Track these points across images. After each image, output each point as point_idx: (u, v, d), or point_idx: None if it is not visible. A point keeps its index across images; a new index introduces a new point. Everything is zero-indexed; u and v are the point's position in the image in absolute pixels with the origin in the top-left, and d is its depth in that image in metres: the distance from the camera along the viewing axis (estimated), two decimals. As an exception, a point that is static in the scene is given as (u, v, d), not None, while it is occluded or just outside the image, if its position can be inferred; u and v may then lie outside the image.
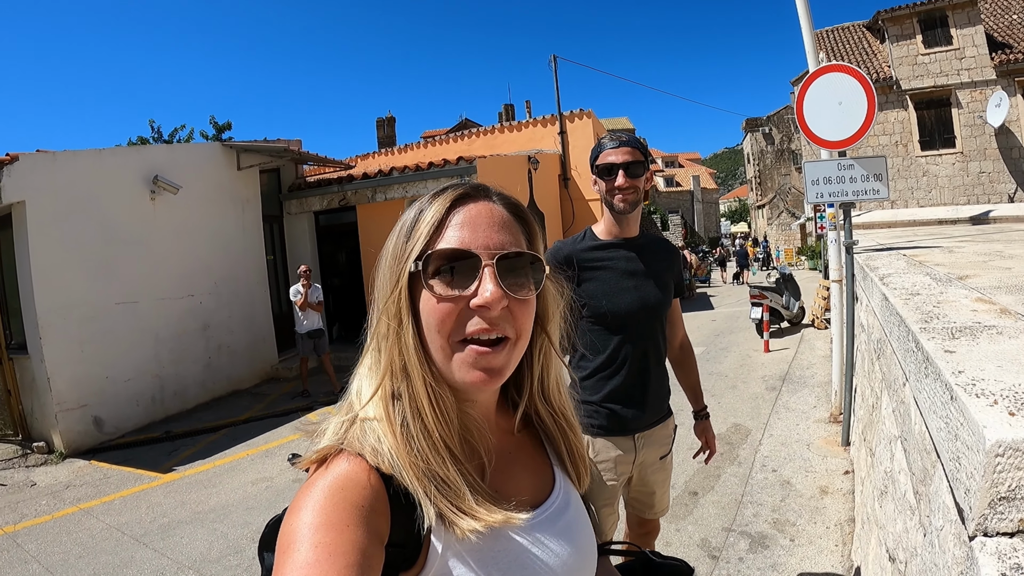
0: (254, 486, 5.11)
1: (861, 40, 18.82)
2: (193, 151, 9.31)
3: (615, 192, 1.98)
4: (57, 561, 4.01)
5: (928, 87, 16.60)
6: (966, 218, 7.24)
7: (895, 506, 1.69)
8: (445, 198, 0.74)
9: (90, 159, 7.08)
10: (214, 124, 21.25)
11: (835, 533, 3.35)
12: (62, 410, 6.41)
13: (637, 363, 2.04)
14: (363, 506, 0.63)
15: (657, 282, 2.07)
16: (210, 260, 8.67)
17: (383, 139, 24.75)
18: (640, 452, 2.09)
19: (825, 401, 5.88)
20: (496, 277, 0.69)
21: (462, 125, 32.51)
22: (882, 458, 2.17)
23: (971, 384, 0.99)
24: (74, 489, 5.45)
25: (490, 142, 14.61)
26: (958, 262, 2.95)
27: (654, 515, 2.29)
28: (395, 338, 0.72)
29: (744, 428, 5.40)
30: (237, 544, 4.02)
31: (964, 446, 0.90)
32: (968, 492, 0.86)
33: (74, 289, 6.63)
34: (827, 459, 4.44)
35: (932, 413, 1.14)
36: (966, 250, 3.63)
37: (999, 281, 2.17)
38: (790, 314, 10.49)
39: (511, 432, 0.86)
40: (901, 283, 2.26)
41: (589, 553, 0.84)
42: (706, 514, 3.79)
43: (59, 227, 6.54)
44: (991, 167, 16.06)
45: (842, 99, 4.30)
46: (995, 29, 17.00)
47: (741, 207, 63.48)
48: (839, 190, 4.37)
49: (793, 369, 7.49)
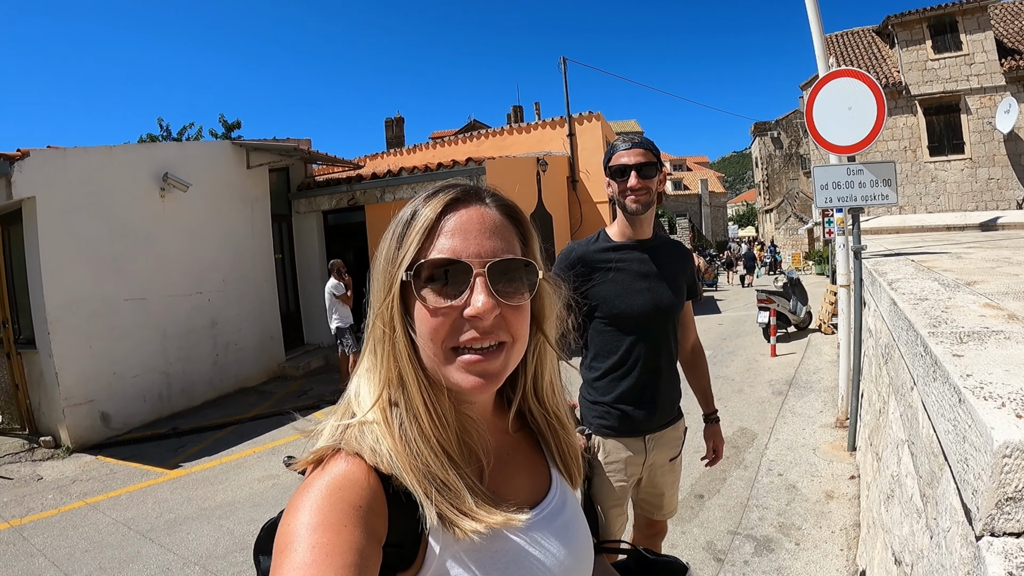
0: (260, 483, 5.14)
1: (871, 45, 18.78)
2: (203, 149, 9.36)
3: (628, 193, 1.99)
4: (63, 555, 4.03)
5: (937, 92, 16.56)
6: (975, 224, 7.22)
7: (902, 509, 1.69)
8: (436, 202, 0.73)
9: (100, 156, 7.13)
10: (223, 123, 21.37)
11: (840, 538, 3.35)
12: (69, 405, 6.45)
13: (649, 365, 2.04)
14: (361, 506, 0.63)
15: (670, 284, 2.08)
16: (219, 258, 8.71)
17: (392, 139, 24.82)
18: (650, 454, 2.10)
19: (831, 406, 5.86)
20: (488, 286, 0.68)
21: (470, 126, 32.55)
22: (889, 462, 2.17)
23: (979, 387, 1.00)
24: (80, 484, 5.48)
25: (499, 143, 14.63)
26: (966, 268, 2.94)
27: (663, 516, 2.31)
28: (389, 345, 0.72)
29: (750, 432, 5.39)
30: (243, 541, 4.04)
31: (972, 448, 0.90)
32: (976, 493, 0.86)
33: (83, 285, 6.67)
34: (833, 464, 4.43)
35: (940, 416, 1.14)
36: (974, 256, 3.62)
37: (1007, 287, 2.17)
38: (797, 319, 10.47)
39: (507, 431, 0.86)
40: (909, 288, 2.26)
41: (586, 553, 0.84)
42: (712, 517, 3.79)
43: (69, 223, 6.59)
44: (1000, 173, 16.00)
45: (852, 104, 4.29)
46: (1005, 35, 16.95)
47: (749, 211, 63.33)
48: (848, 195, 4.36)
49: (800, 374, 7.47)
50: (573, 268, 2.01)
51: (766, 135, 41.43)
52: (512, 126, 15.17)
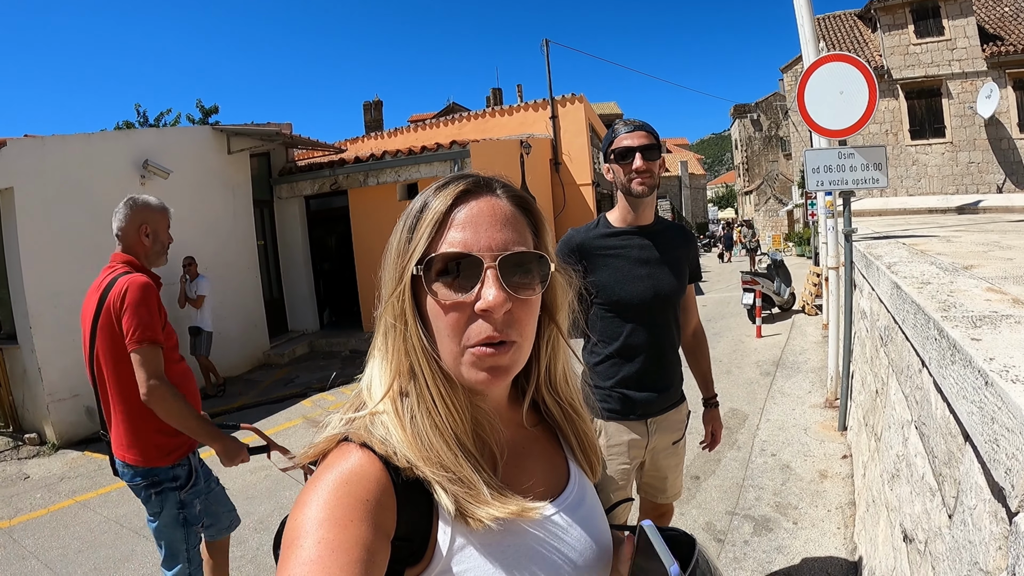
0: (253, 475, 5.08)
1: (853, 28, 18.89)
2: (183, 135, 9.17)
3: (633, 176, 1.97)
4: (56, 556, 3.93)
5: (919, 77, 16.72)
6: (956, 207, 7.34)
7: (911, 488, 1.73)
8: (448, 194, 0.72)
9: (79, 144, 6.95)
10: (201, 108, 20.91)
11: (836, 516, 3.42)
12: (53, 400, 6.32)
13: (650, 350, 2.05)
14: (368, 500, 0.62)
15: (672, 269, 2.08)
16: (201, 245, 8.55)
17: (370, 123, 24.51)
18: (653, 437, 2.12)
19: (819, 387, 5.96)
20: (499, 280, 0.68)
21: (450, 109, 32.25)
22: (892, 442, 2.22)
23: (1004, 370, 1.02)
24: (69, 481, 5.38)
25: (481, 126, 14.50)
26: (959, 252, 2.99)
27: (667, 499, 2.33)
28: (400, 338, 0.72)
29: (741, 413, 5.47)
30: (239, 534, 3.96)
31: (1004, 429, 0.92)
32: (1010, 472, 0.89)
33: (64, 276, 6.50)
34: (825, 444, 4.52)
35: (961, 398, 1.17)
36: (964, 240, 3.69)
37: (1004, 271, 2.22)
38: (781, 300, 10.61)
39: (522, 425, 0.85)
40: (909, 271, 2.30)
41: (605, 545, 0.83)
42: (709, 498, 3.85)
43: (48, 213, 6.42)
44: (980, 157, 16.24)
45: (844, 88, 4.32)
46: (987, 21, 17.12)
47: (728, 193, 63.69)
48: (839, 178, 4.41)
49: (786, 355, 7.58)
50: (574, 255, 2.02)
51: (746, 117, 41.72)
52: (494, 108, 15.05)
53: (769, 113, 39.96)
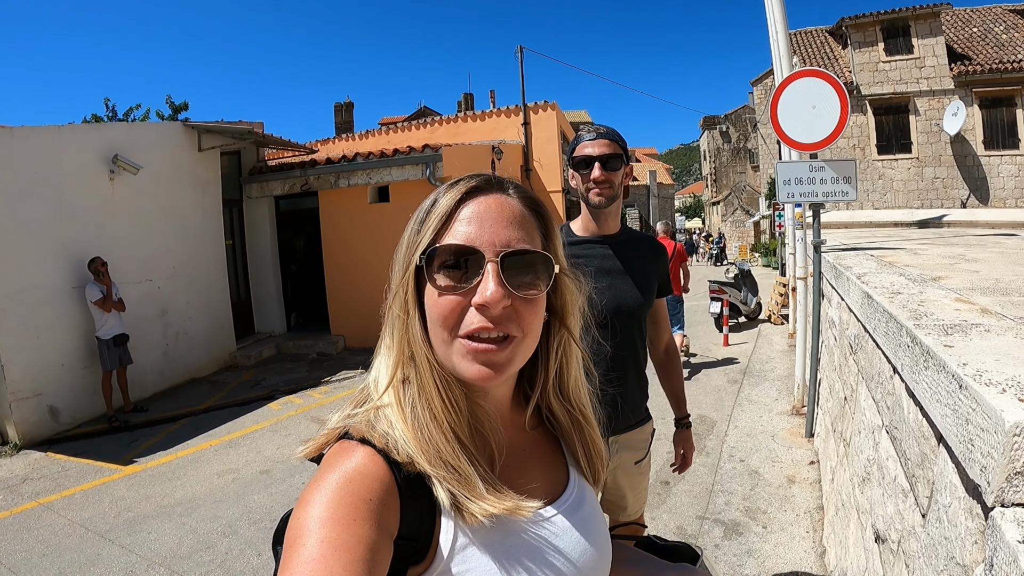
0: (220, 478, 5.00)
1: (823, 45, 19.34)
2: (154, 130, 8.98)
3: (591, 186, 1.90)
4: (19, 560, 3.82)
5: (888, 93, 17.17)
6: (921, 221, 7.57)
7: (883, 490, 1.79)
8: (457, 189, 0.73)
9: (49, 136, 6.75)
10: (170, 104, 20.50)
11: (805, 520, 3.50)
12: (17, 399, 6.11)
13: (612, 366, 1.90)
14: (371, 499, 0.62)
15: (637, 281, 1.99)
16: (169, 244, 8.39)
17: (341, 124, 24.35)
18: (615, 456, 2.03)
19: (786, 394, 6.09)
20: (499, 276, 0.68)
21: (421, 112, 32.19)
22: (863, 447, 2.28)
23: (978, 375, 1.07)
24: (32, 483, 5.21)
25: (453, 131, 14.49)
26: (926, 264, 3.10)
27: (627, 518, 2.22)
28: (403, 327, 0.73)
29: (709, 419, 5.56)
30: (208, 539, 3.92)
31: (978, 429, 0.97)
32: (985, 469, 0.93)
33: (29, 272, 6.31)
34: (792, 450, 4.62)
35: (935, 402, 1.22)
36: (930, 252, 3.81)
37: (970, 283, 2.30)
38: (748, 309, 10.79)
39: (524, 429, 0.85)
40: (879, 282, 2.37)
41: (605, 550, 0.83)
42: (679, 503, 3.90)
43: (14, 207, 6.21)
44: (945, 173, 16.72)
45: (816, 103, 4.44)
46: (955, 41, 17.67)
47: (696, 203, 64.53)
48: (810, 191, 4.52)
49: (753, 363, 7.72)
50: None
51: (715, 129, 42.40)
52: (466, 113, 15.07)
53: (738, 125, 40.71)
